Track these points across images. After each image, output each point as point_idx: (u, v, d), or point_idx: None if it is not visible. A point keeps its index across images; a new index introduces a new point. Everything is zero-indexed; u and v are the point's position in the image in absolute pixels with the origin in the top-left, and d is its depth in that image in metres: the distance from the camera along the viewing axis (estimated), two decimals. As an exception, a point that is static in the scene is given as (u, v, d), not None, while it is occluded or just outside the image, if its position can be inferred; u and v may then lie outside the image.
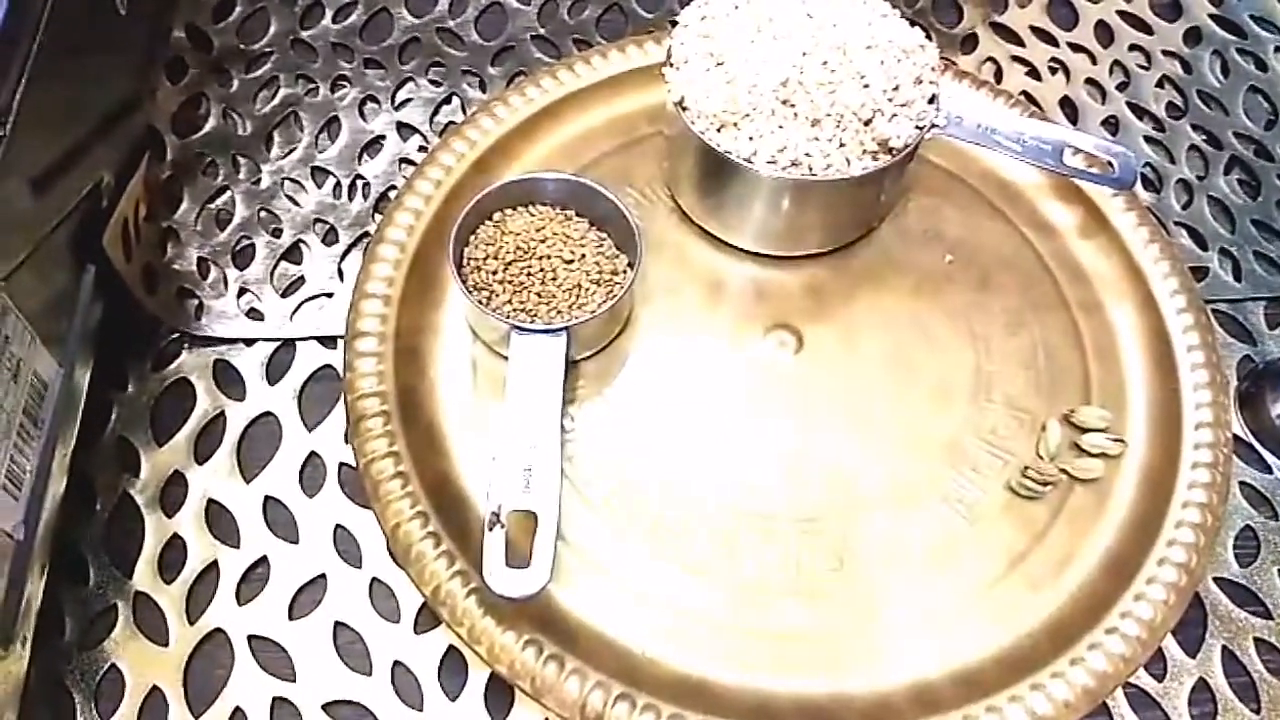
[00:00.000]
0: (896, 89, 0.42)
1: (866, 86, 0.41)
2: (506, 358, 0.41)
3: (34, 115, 0.35)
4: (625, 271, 0.43)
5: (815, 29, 0.42)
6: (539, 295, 0.42)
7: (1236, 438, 0.44)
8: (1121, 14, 0.58)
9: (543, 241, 0.43)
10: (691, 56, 0.43)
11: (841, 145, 0.42)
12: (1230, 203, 0.52)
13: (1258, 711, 0.39)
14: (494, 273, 0.43)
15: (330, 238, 0.48)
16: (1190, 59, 0.57)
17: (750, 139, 0.42)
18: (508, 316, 0.41)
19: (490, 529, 0.36)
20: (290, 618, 0.39)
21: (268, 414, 0.43)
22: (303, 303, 0.46)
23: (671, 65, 0.44)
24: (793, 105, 0.41)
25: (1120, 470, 0.43)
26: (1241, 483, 0.44)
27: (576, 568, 0.39)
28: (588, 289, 0.43)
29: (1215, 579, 0.42)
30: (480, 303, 0.42)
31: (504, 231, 0.44)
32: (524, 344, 0.40)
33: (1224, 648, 0.40)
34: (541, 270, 0.43)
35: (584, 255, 0.43)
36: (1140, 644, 0.38)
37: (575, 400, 0.43)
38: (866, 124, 0.42)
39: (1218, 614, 0.41)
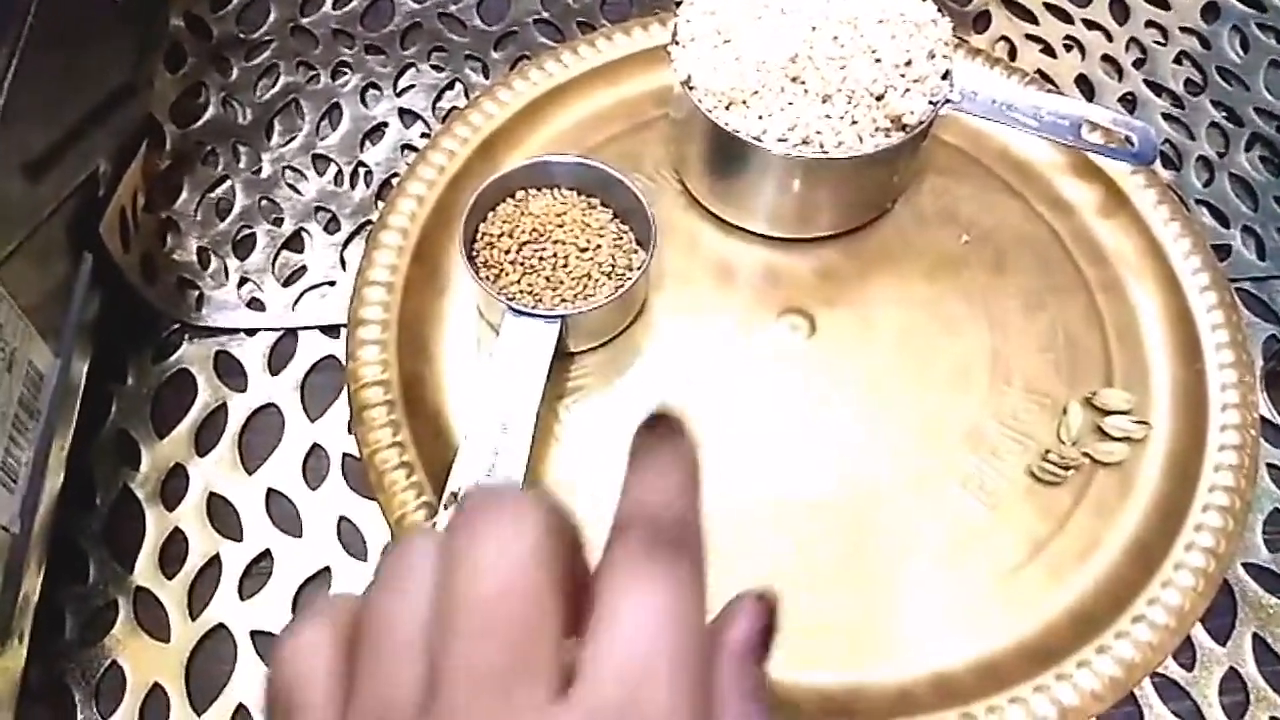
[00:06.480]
0: (909, 64, 0.41)
1: (878, 61, 0.40)
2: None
3: (24, 100, 0.34)
4: (639, 268, 0.42)
5: (825, 3, 0.41)
6: (547, 280, 0.41)
7: (1264, 419, 0.43)
8: (1137, -11, 0.57)
9: (560, 226, 0.42)
10: (698, 34, 0.42)
11: (854, 122, 0.41)
12: (1252, 180, 0.50)
13: (1291, 700, 0.38)
14: (506, 251, 0.42)
15: (332, 226, 0.47)
16: (1209, 35, 0.55)
17: (760, 117, 0.41)
18: (511, 298, 0.40)
19: (445, 508, 0.35)
20: (294, 612, 0.38)
21: (270, 405, 0.42)
22: (304, 292, 0.45)
23: (677, 43, 0.43)
24: (802, 81, 0.40)
25: (1144, 454, 0.41)
26: (1269, 465, 0.43)
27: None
28: (597, 280, 0.42)
29: (1244, 564, 0.40)
30: (487, 279, 0.41)
31: (524, 212, 0.43)
32: (517, 326, 0.39)
33: (1255, 635, 0.39)
34: (554, 255, 0.42)
35: (600, 246, 0.42)
36: (1169, 632, 0.37)
37: (585, 387, 0.42)
38: (879, 99, 0.41)
39: (1247, 600, 0.40)
